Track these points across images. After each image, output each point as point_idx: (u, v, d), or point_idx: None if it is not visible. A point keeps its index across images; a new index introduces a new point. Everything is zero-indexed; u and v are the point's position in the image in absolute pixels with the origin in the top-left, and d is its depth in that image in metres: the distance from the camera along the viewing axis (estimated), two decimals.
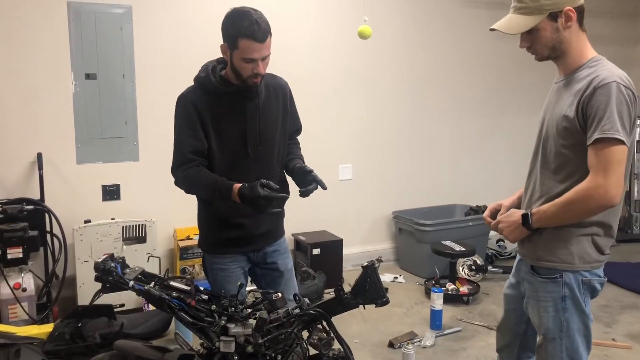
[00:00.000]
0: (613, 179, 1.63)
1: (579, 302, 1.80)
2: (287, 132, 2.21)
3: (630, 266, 4.76)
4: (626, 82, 1.68)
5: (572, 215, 1.74)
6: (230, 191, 1.95)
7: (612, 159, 1.63)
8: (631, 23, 5.96)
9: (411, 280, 4.49)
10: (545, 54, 1.81)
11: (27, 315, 3.23)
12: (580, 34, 1.79)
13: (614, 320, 3.70)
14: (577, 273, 1.79)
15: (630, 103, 1.66)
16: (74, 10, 3.61)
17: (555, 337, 1.82)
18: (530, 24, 1.73)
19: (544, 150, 1.85)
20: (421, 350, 3.24)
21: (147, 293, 1.71)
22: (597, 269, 1.82)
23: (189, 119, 2.02)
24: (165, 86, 3.85)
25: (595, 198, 1.65)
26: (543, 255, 1.82)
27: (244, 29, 1.89)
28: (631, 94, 1.67)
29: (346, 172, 4.66)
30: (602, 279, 1.84)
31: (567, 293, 1.79)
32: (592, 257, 1.80)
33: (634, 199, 5.90)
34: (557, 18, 1.73)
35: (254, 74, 1.96)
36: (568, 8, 1.72)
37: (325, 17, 4.44)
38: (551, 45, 1.77)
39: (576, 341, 1.82)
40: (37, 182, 3.53)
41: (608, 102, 1.63)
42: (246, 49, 1.91)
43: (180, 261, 3.79)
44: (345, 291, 1.74)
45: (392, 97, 4.81)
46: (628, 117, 1.66)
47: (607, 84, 1.65)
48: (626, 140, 1.64)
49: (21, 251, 3.23)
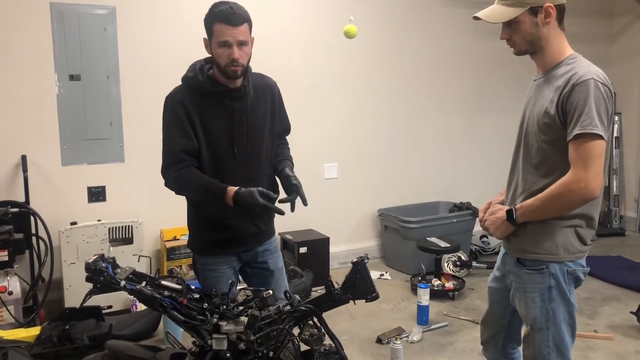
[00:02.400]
0: (593, 172, 1.69)
1: (565, 292, 1.86)
2: (275, 133, 2.22)
3: (610, 259, 4.86)
4: (603, 79, 1.74)
5: (555, 209, 1.79)
6: (224, 194, 1.95)
7: (591, 153, 1.69)
8: (607, 22, 6.08)
9: (397, 277, 4.54)
10: (523, 48, 1.87)
11: (14, 318, 3.20)
12: (559, 32, 1.85)
13: (596, 312, 3.78)
14: (562, 264, 1.85)
15: (607, 99, 1.72)
16: (56, 11, 3.59)
17: (542, 327, 1.88)
18: (511, 15, 1.80)
19: (526, 146, 1.90)
20: (409, 345, 3.28)
21: (139, 292, 1.72)
22: (580, 259, 1.88)
23: (178, 119, 2.01)
24: (149, 87, 3.85)
25: (576, 191, 1.71)
26: (529, 248, 1.87)
27: (217, 14, 1.95)
28: (608, 90, 1.73)
29: (332, 170, 4.70)
30: (585, 268, 1.90)
31: (553, 283, 1.85)
32: (575, 248, 1.86)
33: (613, 194, 6.02)
34: (538, 13, 1.79)
35: (230, 60, 1.95)
36: (548, 4, 1.78)
37: (309, 16, 4.47)
38: (529, 39, 1.83)
39: (562, 330, 1.88)
40: (21, 184, 3.51)
41: (586, 99, 1.69)
42: (219, 33, 1.94)
43: (168, 262, 3.79)
44: (335, 287, 1.76)
45: (376, 95, 4.85)
46: (605, 112, 1.72)
47: (585, 81, 1.71)
48: (604, 135, 1.70)
49: (7, 254, 3.19)
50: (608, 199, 6.06)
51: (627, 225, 5.97)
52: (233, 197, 1.94)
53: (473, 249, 4.87)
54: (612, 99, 1.75)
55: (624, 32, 6.01)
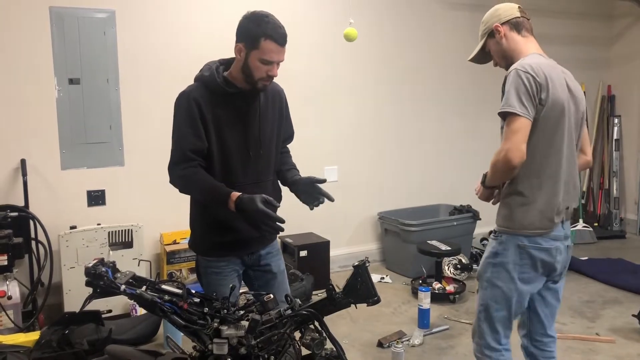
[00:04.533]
0: (510, 144, 1.93)
1: (506, 261, 2.07)
2: (281, 138, 2.23)
3: (610, 262, 4.85)
4: (527, 68, 1.98)
5: (495, 175, 2.06)
6: (228, 198, 1.95)
7: (510, 128, 1.95)
8: (607, 24, 6.08)
9: (398, 280, 4.53)
10: (502, 64, 2.20)
11: (13, 323, 3.19)
12: (523, 40, 2.15)
13: (597, 315, 3.77)
14: (514, 236, 2.06)
15: (527, 84, 1.95)
16: (56, 15, 3.59)
17: (481, 286, 2.18)
18: (479, 46, 2.25)
19: None
20: (410, 349, 3.27)
21: (139, 297, 1.71)
22: (537, 237, 2.05)
23: (190, 117, 2.00)
24: (149, 90, 3.85)
25: (500, 160, 1.97)
26: (498, 221, 2.14)
27: (268, 30, 1.93)
28: (530, 76, 1.96)
29: (332, 174, 4.69)
30: (541, 246, 2.05)
31: (497, 250, 2.10)
32: (533, 225, 2.04)
33: (613, 196, 6.02)
34: (494, 35, 2.17)
35: (267, 76, 1.97)
36: (495, 25, 2.16)
37: (310, 20, 4.47)
38: (501, 55, 2.19)
39: (495, 296, 2.12)
40: (21, 188, 3.50)
41: (509, 85, 1.99)
42: (267, 50, 1.94)
43: (167, 266, 3.78)
44: (337, 291, 1.75)
45: (376, 98, 4.85)
46: (526, 94, 1.95)
47: (510, 72, 2.01)
48: (521, 112, 1.94)
49: (6, 259, 3.18)
50: (608, 202, 6.06)
51: (627, 228, 5.97)
52: (235, 202, 1.93)
53: (474, 252, 4.85)
54: (535, 83, 1.96)
55: (623, 34, 6.02)
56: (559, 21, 5.66)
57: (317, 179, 2.11)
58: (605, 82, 6.14)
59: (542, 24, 5.57)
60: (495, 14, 2.19)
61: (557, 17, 5.63)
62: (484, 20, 2.23)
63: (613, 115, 6.07)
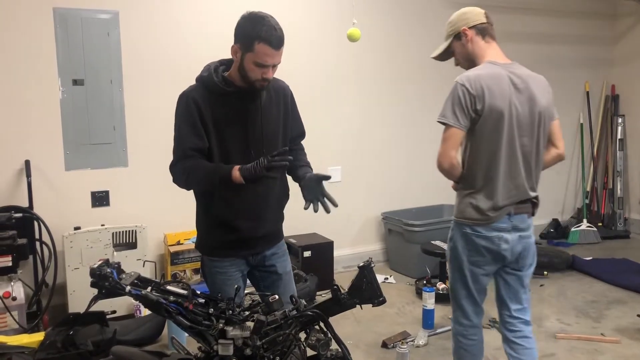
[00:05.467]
0: (440, 151, 2.22)
1: (457, 246, 2.36)
2: (288, 135, 2.22)
3: (615, 262, 4.84)
4: (464, 81, 2.16)
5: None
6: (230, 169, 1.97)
7: (443, 136, 2.21)
8: (610, 23, 6.06)
9: (401, 280, 4.52)
10: (465, 66, 2.34)
11: (18, 324, 3.19)
12: (485, 45, 2.30)
13: (602, 315, 3.76)
14: (460, 225, 2.34)
15: (461, 96, 2.15)
16: (60, 16, 3.59)
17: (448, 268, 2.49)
18: (445, 46, 2.38)
19: None
20: (415, 350, 3.26)
21: (144, 298, 1.71)
22: (477, 226, 2.28)
23: (190, 117, 2.01)
24: (153, 91, 3.85)
25: (437, 163, 2.25)
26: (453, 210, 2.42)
27: (262, 33, 1.91)
28: (465, 90, 2.15)
29: (335, 174, 4.68)
30: (481, 234, 2.29)
31: (452, 236, 2.41)
32: (472, 217, 2.29)
33: (617, 196, 6.00)
34: (461, 37, 2.30)
35: (262, 78, 1.97)
36: (463, 28, 2.30)
37: (313, 20, 4.47)
38: (465, 57, 2.33)
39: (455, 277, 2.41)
40: (25, 189, 3.51)
41: (448, 96, 2.20)
42: (261, 54, 1.92)
43: (171, 266, 3.78)
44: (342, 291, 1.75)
45: (380, 98, 4.85)
46: (459, 105, 2.16)
47: (454, 82, 2.19)
48: (453, 123, 2.16)
49: (10, 260, 3.18)
50: (612, 201, 6.04)
51: (631, 228, 5.95)
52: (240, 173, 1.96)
53: None
54: (468, 95, 2.14)
55: (627, 33, 6.00)
56: (563, 20, 5.65)
57: (323, 175, 2.10)
58: (609, 81, 6.12)
59: (546, 23, 5.58)
60: (463, 17, 2.32)
61: (560, 17, 5.62)
62: (451, 21, 2.37)
63: (617, 114, 6.05)
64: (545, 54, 5.55)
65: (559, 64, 5.71)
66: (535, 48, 5.45)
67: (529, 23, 5.44)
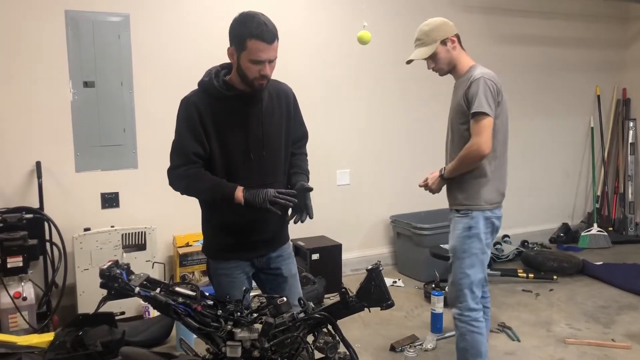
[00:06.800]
0: (482, 139, 2.42)
1: (479, 232, 2.55)
2: (290, 139, 2.21)
3: (626, 267, 4.79)
4: (490, 77, 2.49)
5: (462, 166, 2.53)
6: (234, 189, 1.97)
7: (479, 125, 2.43)
8: (622, 27, 6.02)
9: (410, 284, 4.51)
10: (445, 69, 2.64)
11: (28, 324, 3.22)
12: (462, 51, 2.64)
13: (613, 321, 3.73)
14: (482, 211, 2.55)
15: (491, 89, 2.45)
16: (71, 18, 3.62)
17: (458, 258, 2.59)
18: (431, 51, 2.59)
19: (451, 132, 2.66)
20: (423, 354, 3.25)
21: (153, 299, 1.72)
22: (496, 209, 2.59)
23: (190, 122, 2.02)
24: (163, 93, 3.87)
25: (473, 152, 2.45)
26: (461, 201, 2.60)
27: (252, 30, 1.91)
28: (493, 83, 2.47)
29: (344, 177, 4.68)
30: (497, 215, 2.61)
31: (473, 224, 2.55)
32: (493, 200, 2.57)
33: (628, 200, 5.95)
34: (447, 43, 2.58)
35: (260, 75, 1.96)
36: (451, 36, 2.59)
37: (323, 23, 4.48)
38: (447, 62, 2.61)
39: (473, 263, 2.56)
40: (36, 190, 3.53)
41: (478, 89, 2.43)
42: (254, 50, 1.92)
43: (180, 268, 3.79)
44: (350, 294, 1.75)
45: (389, 101, 4.84)
46: (492, 98, 2.44)
47: (477, 78, 2.47)
48: (490, 113, 2.42)
49: (21, 260, 3.21)
50: (623, 206, 5.99)
51: None
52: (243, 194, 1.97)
53: None
54: (497, 89, 2.48)
55: (638, 37, 5.95)
56: (574, 24, 5.61)
57: (307, 187, 2.10)
58: (620, 85, 6.07)
59: (557, 27, 5.55)
60: (447, 26, 2.62)
61: (571, 20, 5.59)
62: (434, 28, 2.62)
63: (628, 118, 6.00)
64: (556, 57, 5.53)
65: (570, 68, 5.68)
66: (545, 51, 5.43)
67: (540, 26, 5.41)
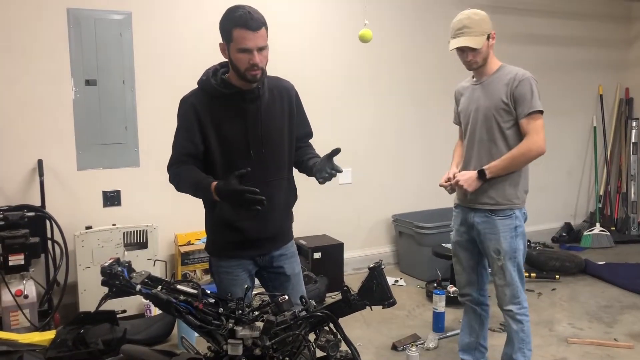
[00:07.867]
0: (542, 136, 2.51)
1: (524, 229, 2.65)
2: (294, 136, 2.19)
3: (629, 267, 4.78)
4: (533, 76, 2.54)
5: (519, 164, 2.56)
6: (210, 187, 1.94)
7: (537, 123, 2.51)
8: (625, 26, 6.00)
9: (412, 283, 4.50)
10: (480, 63, 2.60)
11: (29, 322, 3.22)
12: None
13: (615, 321, 3.72)
14: (521, 209, 2.64)
15: (537, 88, 2.53)
16: (73, 16, 3.62)
17: (510, 257, 2.61)
18: (482, 42, 2.54)
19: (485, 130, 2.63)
20: (425, 353, 3.24)
21: (155, 297, 1.71)
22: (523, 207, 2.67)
23: (187, 122, 2.04)
24: (165, 92, 3.86)
25: (534, 149, 2.50)
26: (502, 201, 2.60)
27: (236, 20, 1.92)
28: (536, 82, 2.54)
29: (346, 176, 4.67)
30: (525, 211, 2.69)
31: (519, 223, 2.62)
32: (524, 198, 2.65)
33: (630, 200, 5.93)
34: (490, 38, 2.56)
35: (250, 65, 1.94)
36: (493, 31, 2.59)
37: (325, 21, 4.47)
38: (485, 56, 2.59)
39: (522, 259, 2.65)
40: (37, 188, 3.53)
41: (530, 88, 2.50)
42: (240, 39, 1.92)
43: (182, 266, 3.79)
44: (352, 292, 1.74)
45: (391, 100, 4.83)
46: (538, 96, 2.52)
47: (526, 77, 2.52)
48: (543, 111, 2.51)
49: (22, 258, 3.22)
50: (626, 205, 5.97)
51: None
52: (214, 189, 1.93)
53: None
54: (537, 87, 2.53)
55: None
56: (576, 23, 5.60)
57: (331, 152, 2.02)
58: (623, 84, 6.05)
59: (560, 26, 5.53)
60: (489, 21, 2.58)
61: (574, 19, 5.57)
62: (485, 19, 2.56)
63: (631, 117, 5.99)
64: (558, 56, 5.51)
65: (573, 67, 5.66)
66: (548, 50, 5.41)
67: (543, 26, 5.39)
